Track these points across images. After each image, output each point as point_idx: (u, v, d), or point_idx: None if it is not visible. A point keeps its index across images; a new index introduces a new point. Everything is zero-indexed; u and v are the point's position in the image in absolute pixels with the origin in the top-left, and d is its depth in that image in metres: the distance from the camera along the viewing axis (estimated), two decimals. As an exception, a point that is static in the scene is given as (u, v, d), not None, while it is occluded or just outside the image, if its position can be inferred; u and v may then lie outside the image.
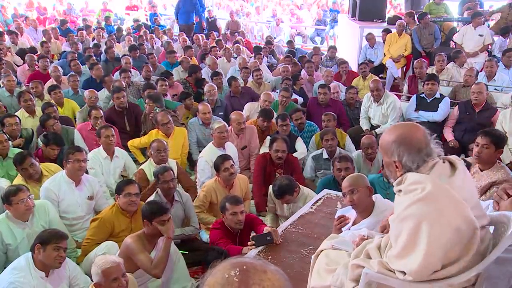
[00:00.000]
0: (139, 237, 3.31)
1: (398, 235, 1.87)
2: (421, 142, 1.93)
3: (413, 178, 1.87)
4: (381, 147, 2.07)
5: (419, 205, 1.81)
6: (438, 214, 1.78)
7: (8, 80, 6.79)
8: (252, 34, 14.92)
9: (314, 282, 2.36)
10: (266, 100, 6.15)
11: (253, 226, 3.73)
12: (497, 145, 3.56)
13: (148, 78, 7.57)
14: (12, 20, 13.98)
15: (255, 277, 1.02)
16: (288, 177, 4.13)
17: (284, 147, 4.70)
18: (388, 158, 2.01)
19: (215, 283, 1.02)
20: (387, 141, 1.99)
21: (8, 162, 4.63)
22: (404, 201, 1.86)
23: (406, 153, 1.92)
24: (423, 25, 8.63)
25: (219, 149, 4.91)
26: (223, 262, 1.08)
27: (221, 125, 4.95)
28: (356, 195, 2.80)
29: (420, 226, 1.79)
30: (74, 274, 3.31)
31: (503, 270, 2.13)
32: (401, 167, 1.95)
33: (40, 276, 3.05)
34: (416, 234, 1.79)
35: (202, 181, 4.85)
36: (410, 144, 1.93)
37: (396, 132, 1.99)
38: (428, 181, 1.83)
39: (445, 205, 1.80)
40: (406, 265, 1.82)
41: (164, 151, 4.60)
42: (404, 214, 1.84)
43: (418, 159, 1.92)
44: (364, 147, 5.00)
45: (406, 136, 1.95)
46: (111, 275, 2.75)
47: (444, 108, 5.91)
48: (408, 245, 1.82)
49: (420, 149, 1.92)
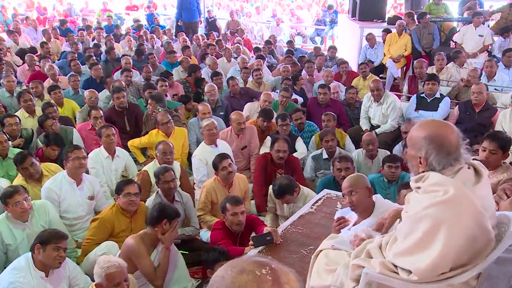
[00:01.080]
0: (141, 238, 3.30)
1: (410, 232, 1.84)
2: (452, 146, 1.88)
3: (436, 179, 1.84)
4: (410, 139, 2.00)
5: (439, 208, 1.78)
6: (458, 219, 1.76)
7: (8, 81, 6.79)
8: (252, 34, 14.91)
9: (314, 282, 2.36)
10: (266, 100, 6.15)
11: (254, 227, 3.73)
12: (504, 150, 3.56)
13: (148, 79, 7.57)
14: (12, 20, 13.98)
15: (283, 277, 1.04)
16: (288, 177, 4.13)
17: (285, 147, 4.70)
18: (414, 152, 1.96)
19: (248, 281, 1.01)
20: (419, 135, 1.94)
21: (8, 162, 4.63)
22: (423, 200, 1.83)
23: (434, 153, 1.88)
24: (423, 25, 8.64)
25: (211, 147, 4.93)
26: (240, 259, 1.08)
27: (209, 122, 4.96)
28: (355, 196, 2.77)
29: (438, 229, 1.77)
30: (74, 274, 3.31)
31: (503, 270, 2.13)
32: (425, 165, 1.91)
33: (40, 276, 3.05)
34: (431, 235, 1.77)
35: (199, 180, 4.87)
36: (441, 145, 1.88)
37: (430, 129, 1.93)
38: (452, 185, 1.80)
39: (466, 212, 1.78)
40: (413, 263, 1.81)
41: (170, 153, 4.57)
42: (422, 214, 1.81)
43: (445, 161, 1.88)
44: (365, 143, 5.00)
45: (439, 136, 1.89)
46: (114, 280, 2.74)
47: (444, 108, 5.91)
48: (420, 244, 1.80)
49: (449, 152, 1.87)
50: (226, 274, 1.04)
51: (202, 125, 5.00)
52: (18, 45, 10.37)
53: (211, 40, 11.06)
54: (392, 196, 4.15)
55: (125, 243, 3.30)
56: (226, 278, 1.03)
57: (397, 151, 5.21)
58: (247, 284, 1.01)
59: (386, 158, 4.53)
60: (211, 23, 13.58)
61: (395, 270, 1.90)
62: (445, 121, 1.97)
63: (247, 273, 1.03)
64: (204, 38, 11.27)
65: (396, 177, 4.41)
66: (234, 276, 1.03)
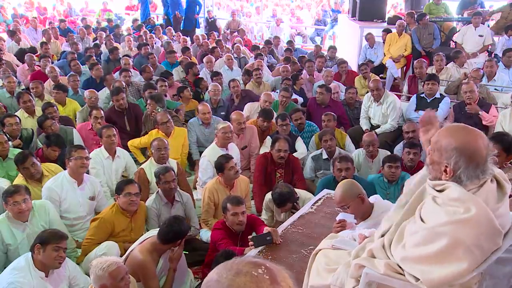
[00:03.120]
0: (149, 253, 3.21)
1: (423, 243, 1.80)
2: (482, 157, 1.80)
3: (457, 194, 1.77)
4: (437, 144, 1.88)
5: (459, 227, 1.73)
6: (476, 241, 1.74)
7: (9, 82, 6.80)
8: (252, 34, 14.92)
9: (314, 282, 2.36)
10: (266, 101, 6.14)
11: (254, 227, 3.72)
12: (509, 152, 3.55)
13: (149, 79, 7.58)
14: (12, 21, 13.98)
15: (279, 275, 1.05)
16: (287, 185, 4.07)
17: (286, 147, 4.70)
18: (440, 159, 1.86)
19: (246, 282, 1.01)
20: (448, 143, 1.83)
21: (8, 163, 4.63)
22: (441, 214, 1.78)
23: (464, 166, 1.79)
24: (423, 25, 8.64)
25: (222, 150, 4.91)
26: (232, 262, 1.07)
27: (226, 126, 4.95)
28: (349, 209, 2.85)
29: (455, 248, 1.74)
30: (74, 274, 3.31)
31: (503, 270, 2.13)
32: (451, 176, 1.82)
33: (40, 276, 3.05)
34: (447, 253, 1.75)
35: (204, 181, 4.86)
36: (472, 157, 1.79)
37: (462, 138, 1.82)
38: (473, 203, 1.74)
39: (485, 234, 1.75)
40: (424, 273, 1.79)
41: (165, 149, 4.61)
42: (440, 230, 1.76)
43: (474, 175, 1.79)
44: (366, 144, 5.00)
45: (470, 148, 1.80)
46: (119, 275, 2.75)
47: (445, 108, 5.91)
48: (434, 258, 1.77)
49: (478, 164, 1.79)
50: (221, 277, 1.03)
51: (218, 127, 4.97)
52: (19, 45, 10.37)
53: (211, 41, 11.07)
54: (392, 196, 4.15)
55: (134, 257, 3.20)
56: (222, 282, 1.02)
57: (397, 151, 5.21)
58: (246, 285, 1.01)
59: (386, 158, 4.53)
60: (211, 23, 13.58)
61: (401, 271, 1.88)
62: (475, 128, 1.88)
63: (244, 274, 1.02)
64: (205, 38, 11.26)
65: (396, 177, 4.41)
66: (231, 278, 1.02)
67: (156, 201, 4.09)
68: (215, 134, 5.08)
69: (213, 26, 13.45)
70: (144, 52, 9.13)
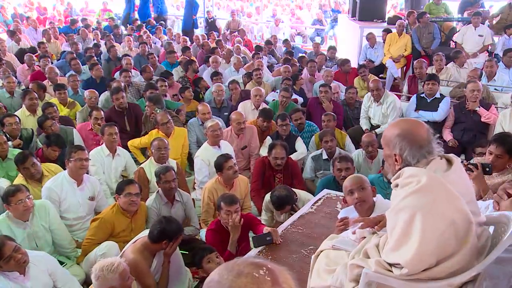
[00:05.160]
0: (140, 253, 3.20)
1: (393, 227, 1.88)
2: (424, 139, 1.96)
3: (410, 172, 1.90)
4: (384, 139, 2.09)
5: (414, 197, 1.83)
6: (433, 205, 1.81)
7: (8, 82, 6.80)
8: (252, 34, 14.92)
9: (314, 283, 2.36)
10: (256, 95, 6.11)
11: (252, 227, 3.69)
12: (511, 153, 3.50)
13: (150, 79, 7.58)
14: (12, 21, 13.98)
15: (281, 276, 1.05)
16: (286, 187, 4.04)
17: (283, 154, 4.66)
18: (389, 151, 2.04)
19: (248, 283, 1.01)
20: (391, 134, 2.03)
21: (8, 163, 4.63)
22: (400, 194, 1.89)
23: (408, 148, 1.96)
24: (423, 24, 8.64)
25: (214, 148, 4.93)
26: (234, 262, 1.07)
27: (214, 123, 4.96)
28: (364, 192, 2.86)
29: (414, 217, 1.80)
30: (53, 270, 3.20)
31: (503, 270, 2.13)
32: (401, 161, 1.99)
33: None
34: (410, 225, 1.81)
35: (200, 180, 4.87)
36: (413, 139, 1.96)
37: (401, 126, 2.02)
38: (424, 174, 1.86)
39: (440, 197, 1.82)
40: (401, 256, 1.83)
41: (165, 149, 4.62)
42: (399, 206, 1.86)
43: (419, 155, 1.95)
44: (365, 145, 5.00)
45: (410, 131, 1.98)
46: (127, 274, 2.79)
47: (445, 108, 5.90)
48: (402, 236, 1.83)
49: (422, 145, 1.95)
50: (223, 278, 1.03)
51: (206, 126, 4.99)
52: (19, 45, 10.37)
53: (211, 41, 11.06)
54: (392, 196, 4.14)
55: (126, 257, 3.15)
56: (223, 283, 1.02)
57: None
58: (247, 286, 1.00)
59: (386, 158, 4.52)
60: (211, 23, 13.58)
61: (389, 268, 1.91)
62: (414, 118, 2.12)
63: (245, 275, 1.02)
64: (205, 38, 11.26)
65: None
66: (232, 280, 1.02)
67: (156, 200, 4.09)
68: (204, 134, 5.08)
69: (213, 26, 13.44)
70: (142, 51, 9.12)
